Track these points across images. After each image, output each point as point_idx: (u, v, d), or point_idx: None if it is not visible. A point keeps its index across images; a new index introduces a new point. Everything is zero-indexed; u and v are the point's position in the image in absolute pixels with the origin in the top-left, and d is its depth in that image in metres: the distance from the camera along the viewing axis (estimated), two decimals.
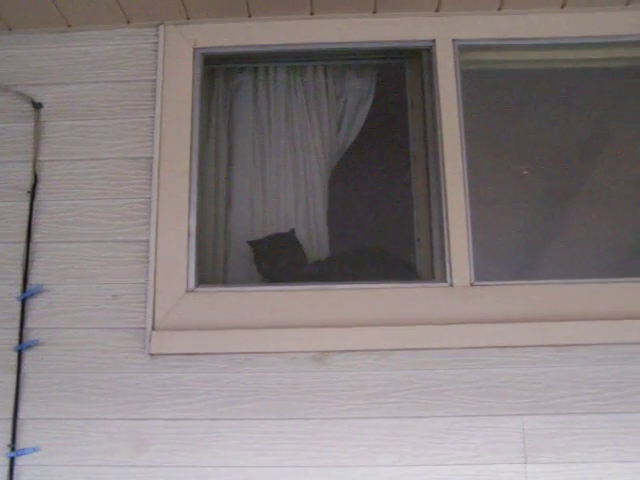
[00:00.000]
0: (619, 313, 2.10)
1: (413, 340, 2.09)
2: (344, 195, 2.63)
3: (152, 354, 2.11)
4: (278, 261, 2.34)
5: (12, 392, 2.10)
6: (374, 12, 2.37)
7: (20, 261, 2.21)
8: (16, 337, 2.15)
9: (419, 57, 2.42)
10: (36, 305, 2.19)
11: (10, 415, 2.08)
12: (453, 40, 2.34)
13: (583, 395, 2.05)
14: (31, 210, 2.25)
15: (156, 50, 2.37)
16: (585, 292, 2.15)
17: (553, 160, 2.77)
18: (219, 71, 2.57)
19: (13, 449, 2.05)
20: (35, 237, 2.24)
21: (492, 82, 2.59)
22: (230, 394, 2.08)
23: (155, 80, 2.34)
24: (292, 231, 2.39)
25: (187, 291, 2.17)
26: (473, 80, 2.38)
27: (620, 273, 2.26)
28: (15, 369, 2.12)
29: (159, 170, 2.25)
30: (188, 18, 2.38)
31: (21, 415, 2.09)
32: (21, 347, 2.13)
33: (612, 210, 2.70)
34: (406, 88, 2.49)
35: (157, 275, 2.17)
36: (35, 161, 2.29)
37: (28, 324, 2.17)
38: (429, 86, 2.35)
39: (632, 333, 2.07)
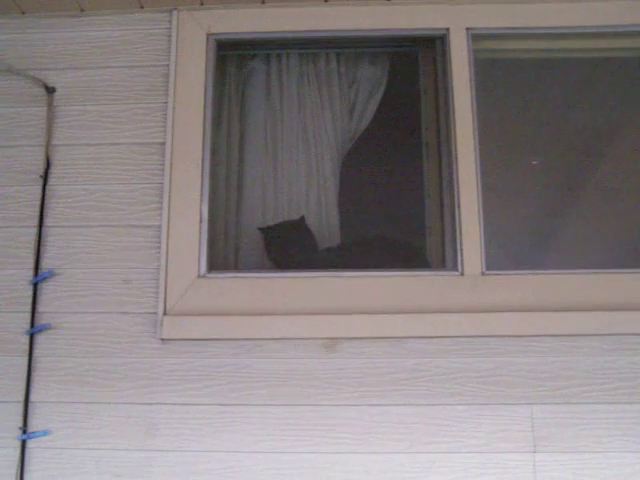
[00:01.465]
0: (630, 304, 2.10)
1: (423, 328, 2.10)
2: (355, 183, 2.63)
3: (163, 339, 2.11)
4: (288, 248, 2.35)
5: (24, 375, 2.11)
6: None
7: (32, 245, 2.22)
8: (28, 321, 2.15)
9: (432, 45, 2.42)
10: (48, 289, 2.19)
11: (22, 398, 2.09)
12: (467, 29, 2.34)
13: (592, 385, 2.05)
14: (43, 194, 2.26)
15: (169, 35, 2.37)
16: (596, 282, 2.15)
17: (566, 149, 2.77)
18: (232, 57, 2.57)
19: (24, 432, 2.06)
20: (47, 221, 2.24)
21: (505, 71, 2.58)
22: (240, 380, 2.09)
23: (168, 65, 2.34)
24: (302, 218, 2.40)
25: (198, 277, 2.17)
26: (486, 69, 2.38)
27: (632, 264, 2.26)
28: (27, 352, 2.13)
29: (171, 155, 2.26)
30: (202, 4, 2.37)
31: (32, 398, 2.10)
32: (33, 331, 2.14)
33: (626, 200, 2.69)
34: (419, 76, 2.49)
35: (169, 260, 2.18)
36: (48, 146, 2.29)
37: (40, 308, 2.17)
38: (442, 74, 2.35)
39: None
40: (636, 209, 2.64)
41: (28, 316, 2.16)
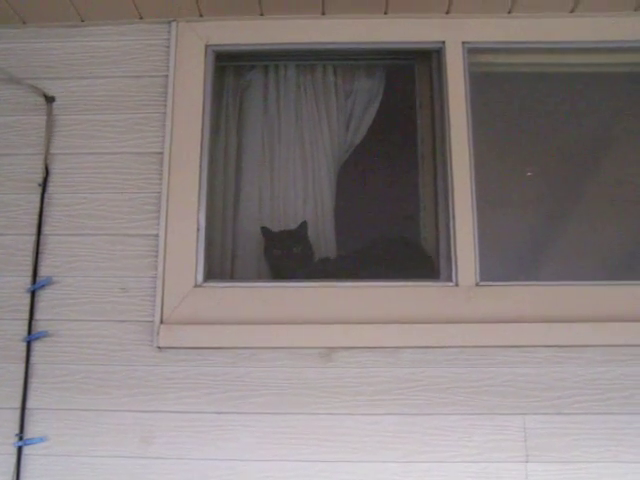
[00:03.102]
0: (622, 315, 2.11)
1: (418, 338, 2.11)
2: (352, 193, 2.64)
3: (160, 347, 2.12)
4: (286, 257, 2.36)
5: (21, 382, 2.11)
6: (385, 13, 2.38)
7: (30, 253, 2.23)
8: (25, 328, 2.16)
9: (428, 59, 2.44)
10: (45, 297, 2.20)
11: (18, 405, 2.10)
12: (463, 42, 2.35)
13: (584, 395, 2.06)
14: (42, 203, 2.26)
15: (168, 46, 2.38)
16: (589, 294, 2.16)
17: (560, 162, 2.78)
18: (230, 68, 2.58)
19: (21, 438, 2.07)
20: (45, 229, 2.25)
21: (501, 85, 2.59)
22: (237, 388, 2.10)
23: (167, 76, 2.35)
24: (302, 226, 2.40)
25: (195, 286, 2.18)
26: (482, 82, 2.39)
27: (624, 275, 2.28)
28: (24, 359, 2.13)
29: (169, 165, 2.27)
30: (201, 15, 2.39)
31: (29, 405, 2.10)
32: (30, 338, 2.15)
33: (618, 213, 2.71)
34: (415, 89, 2.50)
35: (166, 269, 2.19)
36: (47, 154, 2.30)
37: (37, 315, 2.18)
38: (438, 88, 2.36)
39: (634, 335, 2.09)
40: (629, 222, 2.66)
41: (25, 323, 2.17)
